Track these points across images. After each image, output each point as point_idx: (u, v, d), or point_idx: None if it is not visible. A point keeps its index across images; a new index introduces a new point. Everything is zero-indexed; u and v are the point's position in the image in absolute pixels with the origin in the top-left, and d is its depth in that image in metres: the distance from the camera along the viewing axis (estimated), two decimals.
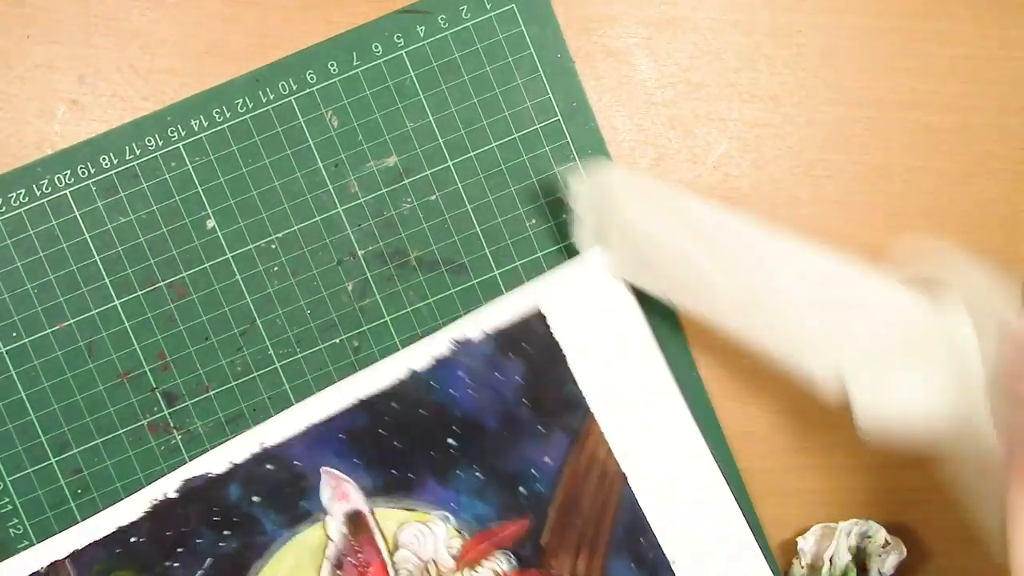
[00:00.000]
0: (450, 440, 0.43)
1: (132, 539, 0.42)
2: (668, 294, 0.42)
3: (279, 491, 0.42)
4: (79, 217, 0.43)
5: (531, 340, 0.43)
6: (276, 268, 0.44)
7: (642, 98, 0.45)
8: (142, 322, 0.44)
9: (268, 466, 0.42)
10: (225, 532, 0.42)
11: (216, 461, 0.42)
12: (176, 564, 0.42)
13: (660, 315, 0.44)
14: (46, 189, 0.43)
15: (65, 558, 0.42)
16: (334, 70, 0.44)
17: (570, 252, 0.45)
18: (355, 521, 0.42)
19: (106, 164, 0.44)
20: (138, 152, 0.44)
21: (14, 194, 0.43)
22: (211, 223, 0.44)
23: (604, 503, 0.43)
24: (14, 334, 0.43)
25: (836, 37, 0.46)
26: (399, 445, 0.43)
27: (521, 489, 0.43)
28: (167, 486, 0.42)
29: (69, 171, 0.44)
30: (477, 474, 0.43)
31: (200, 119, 0.44)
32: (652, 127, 0.45)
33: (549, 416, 0.43)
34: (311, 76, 0.44)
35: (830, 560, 0.43)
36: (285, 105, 0.44)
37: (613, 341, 0.43)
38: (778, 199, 0.45)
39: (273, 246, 0.44)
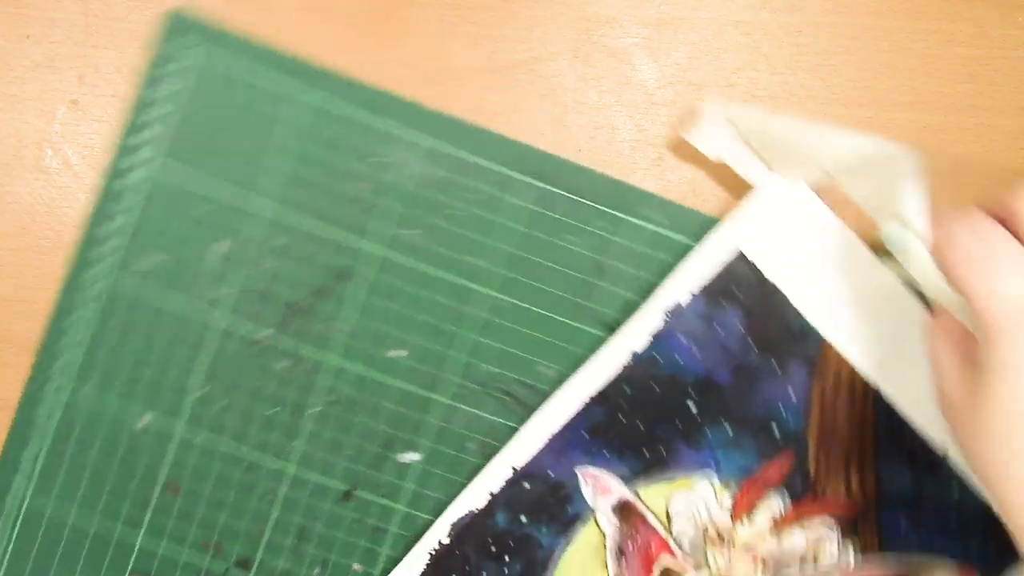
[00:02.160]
0: (690, 405, 0.43)
1: None
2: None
3: (543, 505, 0.43)
4: None
5: (741, 284, 0.43)
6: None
7: (642, 98, 0.45)
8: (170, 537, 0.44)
9: (525, 485, 0.43)
10: (505, 558, 0.43)
11: (476, 496, 0.43)
12: None
13: None
14: None
15: None
16: None
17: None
18: (623, 510, 0.43)
19: None
20: None
21: None
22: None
23: (861, 417, 0.44)
24: None
25: (836, 37, 0.45)
26: (642, 426, 0.43)
27: (774, 428, 0.44)
28: (438, 533, 0.43)
29: None
30: (727, 428, 0.44)
31: None
32: (652, 127, 0.45)
33: (781, 353, 0.43)
34: None
35: None
36: None
37: (820, 256, 0.43)
38: None
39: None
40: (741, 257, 0.44)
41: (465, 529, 0.43)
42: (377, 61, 0.44)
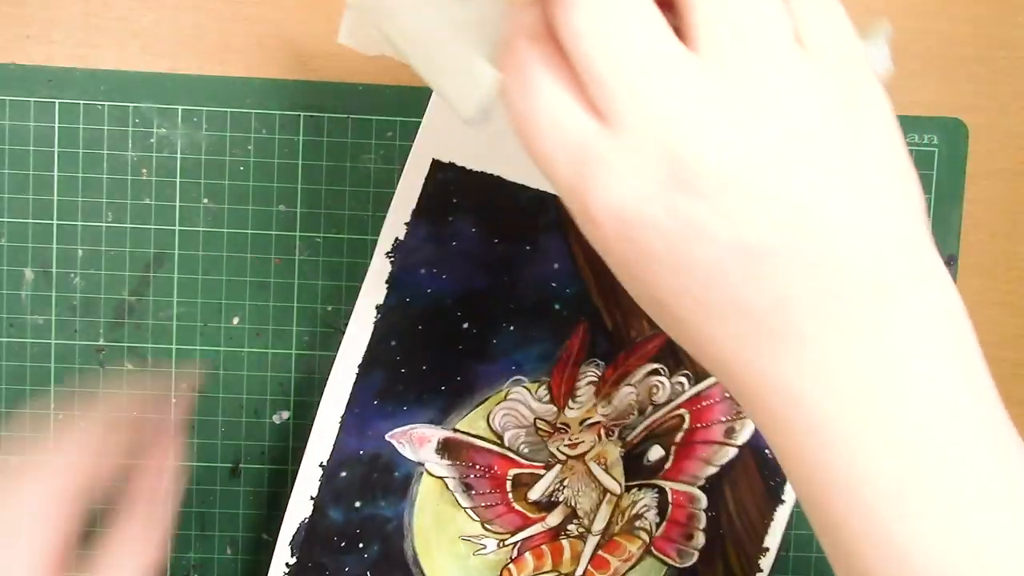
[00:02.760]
0: (464, 325, 0.41)
1: None
2: None
3: (369, 482, 0.42)
4: None
5: (450, 188, 0.40)
6: None
7: None
8: None
9: (342, 475, 0.41)
10: (360, 546, 0.42)
11: (300, 507, 0.41)
12: None
13: None
14: None
15: None
16: None
17: None
18: (449, 449, 0.42)
19: None
20: None
21: None
22: None
23: None
24: None
25: None
26: (427, 367, 0.41)
27: (557, 307, 0.42)
28: (284, 556, 0.41)
29: None
30: (511, 329, 0.41)
31: None
32: None
33: (526, 232, 0.41)
34: None
35: None
36: None
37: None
38: None
39: None
40: (437, 164, 0.39)
41: (306, 541, 0.41)
42: None
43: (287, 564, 0.42)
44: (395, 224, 0.40)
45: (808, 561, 0.47)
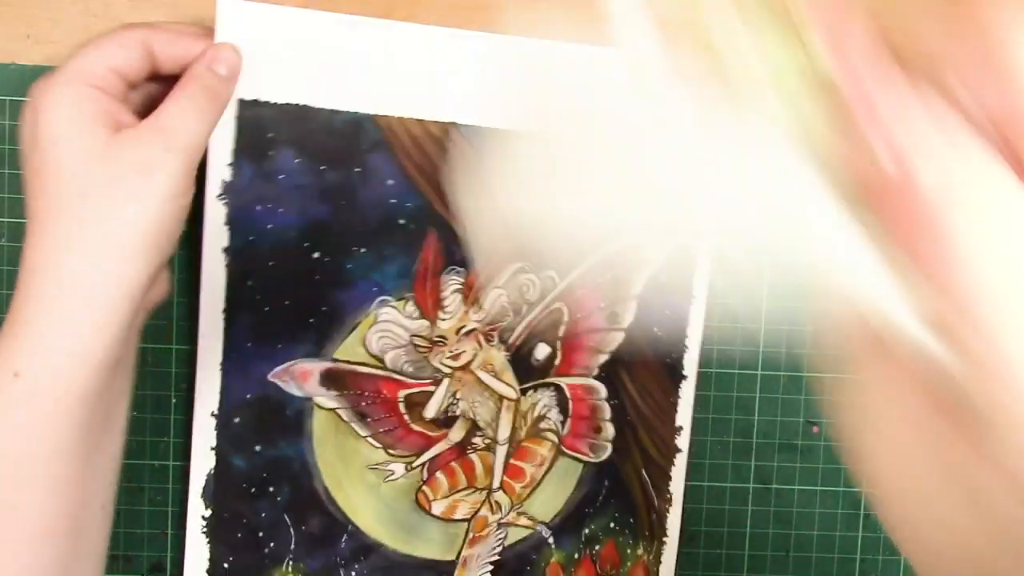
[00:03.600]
0: (316, 255, 0.41)
1: (224, 564, 0.43)
2: None
3: (264, 424, 0.42)
4: None
5: (264, 125, 0.40)
6: None
7: None
8: None
9: (235, 420, 0.42)
10: (271, 489, 0.43)
11: (203, 460, 0.42)
12: (270, 545, 0.43)
13: None
14: None
15: None
16: None
17: None
18: (332, 379, 0.42)
19: None
20: None
21: None
22: None
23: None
24: None
25: None
26: (290, 302, 0.42)
27: (402, 222, 0.42)
28: (199, 509, 0.43)
29: None
30: (363, 252, 0.42)
31: None
32: None
33: (351, 155, 0.41)
34: None
35: None
36: None
37: (310, 46, 0.39)
38: None
39: None
40: (244, 103, 0.39)
41: (216, 492, 0.42)
42: None
43: (203, 517, 0.43)
44: (218, 167, 0.40)
45: (808, 561, 0.46)
